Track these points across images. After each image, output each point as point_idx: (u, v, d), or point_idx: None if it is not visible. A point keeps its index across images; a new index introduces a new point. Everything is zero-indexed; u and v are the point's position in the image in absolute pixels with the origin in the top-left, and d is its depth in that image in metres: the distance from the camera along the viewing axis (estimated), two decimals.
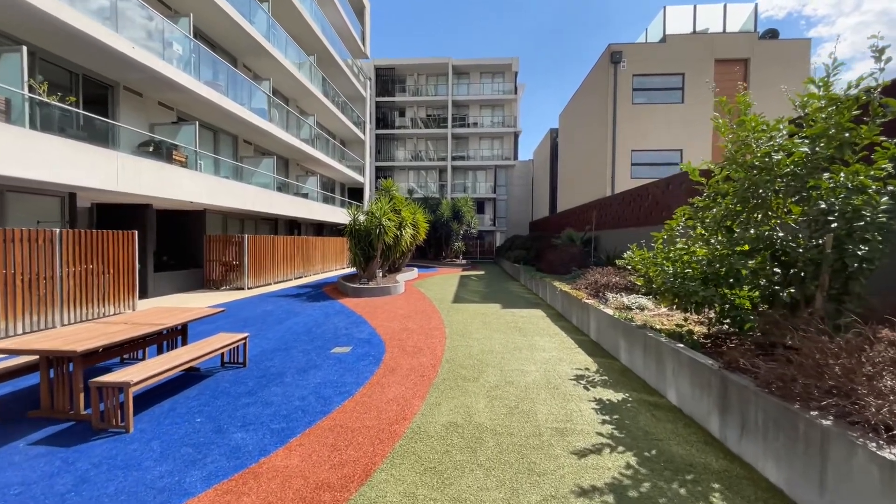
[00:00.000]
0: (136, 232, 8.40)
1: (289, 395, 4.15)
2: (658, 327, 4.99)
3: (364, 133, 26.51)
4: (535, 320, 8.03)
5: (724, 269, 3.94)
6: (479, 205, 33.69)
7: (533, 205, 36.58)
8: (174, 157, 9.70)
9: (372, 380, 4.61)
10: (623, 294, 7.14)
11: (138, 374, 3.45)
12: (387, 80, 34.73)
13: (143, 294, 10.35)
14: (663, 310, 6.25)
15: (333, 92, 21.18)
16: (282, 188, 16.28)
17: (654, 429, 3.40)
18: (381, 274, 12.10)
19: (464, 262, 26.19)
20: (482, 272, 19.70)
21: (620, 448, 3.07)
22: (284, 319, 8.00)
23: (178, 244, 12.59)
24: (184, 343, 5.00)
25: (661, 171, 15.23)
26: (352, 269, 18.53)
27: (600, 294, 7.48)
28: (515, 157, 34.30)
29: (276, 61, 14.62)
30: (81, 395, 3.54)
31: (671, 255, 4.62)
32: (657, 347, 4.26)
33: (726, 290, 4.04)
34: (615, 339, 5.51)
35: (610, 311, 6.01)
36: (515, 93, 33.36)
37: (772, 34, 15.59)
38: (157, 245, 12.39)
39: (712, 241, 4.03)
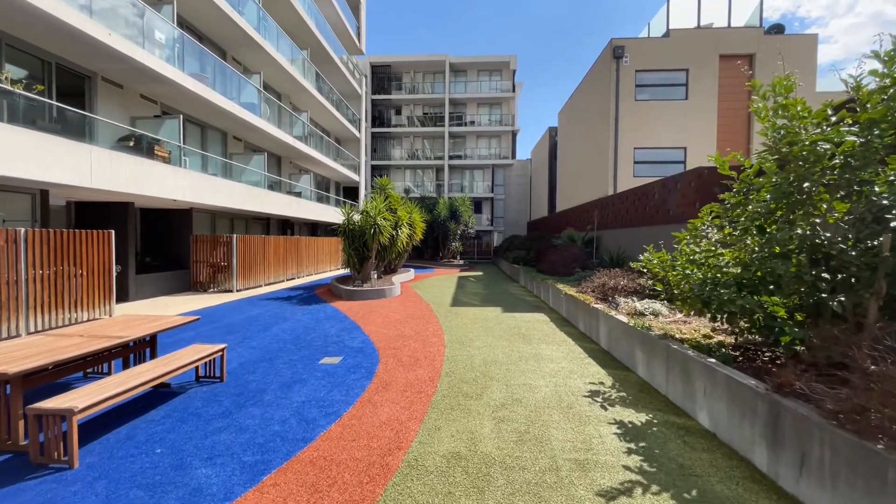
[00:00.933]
0: (113, 231, 7.85)
1: (268, 417, 3.65)
2: (678, 336, 4.54)
3: (359, 131, 25.96)
4: (538, 326, 7.56)
5: (760, 274, 3.49)
6: (477, 204, 33.22)
7: (531, 204, 36.15)
8: (156, 152, 9.15)
9: (363, 397, 4.11)
10: (634, 298, 6.69)
11: (87, 398, 2.94)
12: (383, 77, 34.17)
13: (125, 297, 9.79)
14: (679, 316, 5.81)
15: (328, 88, 20.63)
16: (273, 186, 15.73)
17: (688, 460, 2.93)
18: (375, 276, 11.61)
19: (461, 262, 25.72)
20: (480, 273, 19.24)
21: (654, 487, 2.60)
22: (271, 325, 7.48)
23: (164, 245, 12.02)
24: (153, 356, 4.49)
25: (664, 169, 14.83)
26: (346, 271, 17.98)
27: (609, 298, 7.01)
28: (513, 157, 33.84)
29: (266, 54, 14.07)
30: (21, 423, 3.03)
31: (696, 257, 4.15)
32: (684, 362, 3.80)
33: (764, 298, 3.59)
34: (630, 349, 5.04)
35: (623, 318, 5.54)
36: (513, 91, 32.91)
37: (777, 29, 15.23)
38: (141, 246, 11.84)
39: (748, 241, 3.57)
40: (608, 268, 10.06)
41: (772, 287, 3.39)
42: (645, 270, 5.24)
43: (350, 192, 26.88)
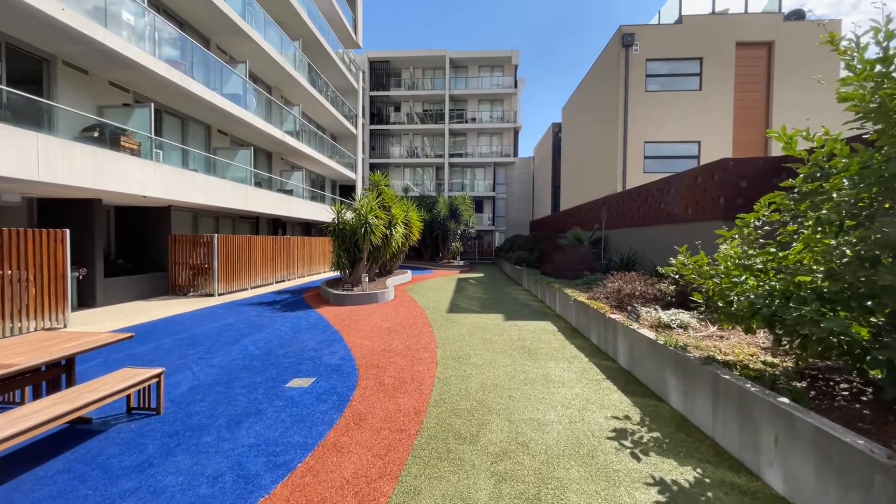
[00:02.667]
0: (67, 230, 7.01)
1: (197, 472, 2.78)
2: (721, 358, 3.66)
3: (356, 127, 25.12)
4: (545, 337, 6.68)
5: (848, 285, 2.61)
6: (478, 203, 32.35)
7: (534, 204, 35.27)
8: (123, 143, 8.31)
9: (328, 438, 3.25)
10: (656, 307, 5.81)
11: None
12: (381, 73, 33.34)
13: (91, 303, 8.96)
14: (713, 329, 4.93)
15: (322, 82, 19.79)
16: (262, 184, 14.89)
17: None
18: (367, 278, 10.76)
19: (461, 263, 24.86)
20: (481, 274, 18.37)
21: None
22: (243, 336, 6.63)
23: (140, 245, 11.19)
24: (69, 384, 3.63)
25: (676, 164, 13.92)
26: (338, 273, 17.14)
27: (627, 306, 6.13)
28: (515, 154, 32.95)
29: (252, 42, 13.23)
30: None
31: (751, 262, 3.27)
32: (742, 399, 2.92)
33: (842, 314, 2.71)
34: (659, 372, 4.16)
35: (647, 333, 4.66)
36: (515, 87, 32.04)
37: (797, 15, 14.30)
38: (116, 246, 11.02)
39: (832, 241, 2.68)
40: (618, 270, 9.20)
41: (869, 303, 2.51)
42: (676, 276, 4.36)
43: (347, 190, 26.05)
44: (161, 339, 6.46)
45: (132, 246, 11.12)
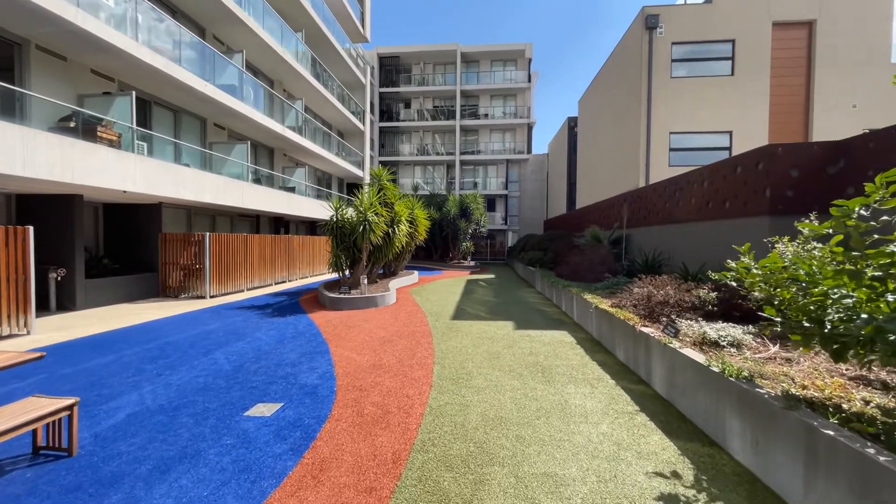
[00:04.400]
0: (31, 228, 6.37)
1: None
2: (801, 393, 2.71)
3: (364, 124, 24.43)
4: (562, 351, 5.75)
5: None
6: (490, 202, 31.36)
7: (548, 202, 34.11)
8: (100, 134, 7.68)
9: (271, 500, 2.41)
10: (696, 318, 4.84)
11: None
12: (391, 69, 32.61)
13: (71, 305, 8.38)
14: (774, 349, 3.95)
15: (327, 75, 19.13)
16: (262, 180, 14.26)
17: None
18: (366, 280, 9.96)
19: (472, 263, 23.94)
20: (492, 276, 17.44)
21: None
22: (219, 347, 5.87)
23: (130, 244, 10.62)
24: None
25: (705, 157, 12.75)
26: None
27: (660, 317, 5.17)
28: (529, 151, 31.83)
29: (249, 31, 12.56)
30: None
31: (859, 267, 2.32)
32: (860, 468, 1.97)
33: None
34: (713, 407, 3.21)
35: (694, 355, 3.71)
36: (529, 81, 30.91)
37: None
38: (104, 245, 10.47)
39: None
40: (642, 272, 8.22)
41: None
42: (734, 283, 3.41)
43: (354, 189, 25.40)
44: (127, 348, 5.75)
45: (121, 245, 10.56)
